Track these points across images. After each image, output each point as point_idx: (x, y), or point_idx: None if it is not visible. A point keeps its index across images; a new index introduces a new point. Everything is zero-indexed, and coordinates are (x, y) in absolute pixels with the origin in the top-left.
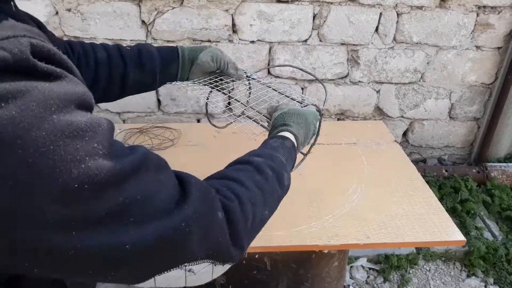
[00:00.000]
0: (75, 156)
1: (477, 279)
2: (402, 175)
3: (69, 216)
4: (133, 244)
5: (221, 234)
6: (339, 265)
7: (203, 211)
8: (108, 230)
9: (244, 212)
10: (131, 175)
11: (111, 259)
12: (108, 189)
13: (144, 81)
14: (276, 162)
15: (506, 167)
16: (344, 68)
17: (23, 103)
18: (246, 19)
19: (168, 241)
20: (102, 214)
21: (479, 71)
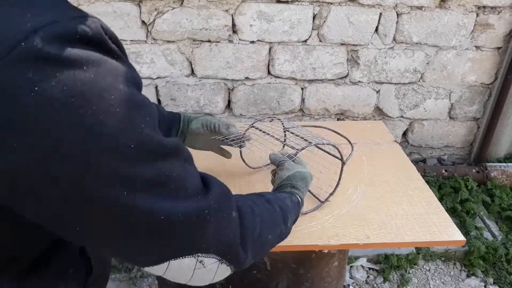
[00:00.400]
0: (134, 122)
1: (477, 279)
2: (402, 175)
3: (123, 174)
4: (166, 216)
5: (234, 232)
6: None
7: (222, 206)
8: (150, 196)
9: (253, 223)
10: (172, 155)
11: (144, 226)
12: (156, 157)
13: None
14: (284, 205)
15: (506, 167)
16: (344, 68)
17: (99, 70)
18: (246, 19)
19: (191, 221)
20: (148, 179)
21: (479, 71)
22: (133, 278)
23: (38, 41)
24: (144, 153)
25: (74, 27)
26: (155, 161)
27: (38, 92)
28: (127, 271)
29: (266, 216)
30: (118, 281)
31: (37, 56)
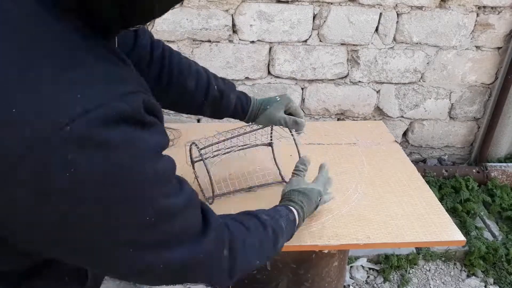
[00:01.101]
0: (153, 196)
1: (477, 279)
2: (402, 175)
3: (137, 238)
4: (164, 264)
5: (222, 267)
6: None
7: (215, 249)
8: (154, 251)
9: (243, 255)
10: (182, 211)
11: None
12: (167, 221)
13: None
14: (277, 227)
15: (506, 167)
16: (344, 68)
17: (130, 151)
18: (246, 19)
19: (187, 265)
20: (157, 239)
21: (479, 71)
22: None
23: (83, 126)
24: (158, 220)
25: (117, 108)
26: (165, 223)
27: (73, 173)
28: None
29: (257, 245)
30: (118, 281)
31: (79, 140)
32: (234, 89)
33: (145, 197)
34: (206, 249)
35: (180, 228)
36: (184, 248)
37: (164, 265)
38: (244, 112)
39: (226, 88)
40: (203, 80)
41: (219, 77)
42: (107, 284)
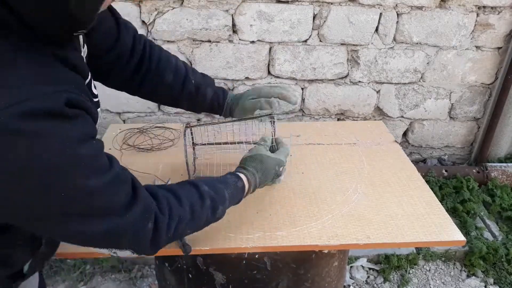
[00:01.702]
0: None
1: (477, 279)
2: (402, 175)
3: (64, 211)
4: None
5: (144, 238)
6: (339, 265)
7: (139, 222)
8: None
9: (169, 226)
10: (104, 189)
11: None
12: (87, 198)
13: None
14: (219, 196)
15: (506, 167)
16: (344, 68)
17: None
18: (246, 19)
19: (110, 234)
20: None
21: (479, 71)
22: (133, 278)
23: (5, 117)
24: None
25: (38, 104)
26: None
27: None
28: (127, 271)
29: (188, 216)
30: (118, 281)
31: (1, 130)
32: (212, 84)
33: (65, 178)
34: (129, 221)
35: (102, 203)
36: (107, 220)
37: (90, 233)
38: (220, 107)
39: (203, 83)
40: (181, 73)
41: (199, 73)
42: (107, 284)
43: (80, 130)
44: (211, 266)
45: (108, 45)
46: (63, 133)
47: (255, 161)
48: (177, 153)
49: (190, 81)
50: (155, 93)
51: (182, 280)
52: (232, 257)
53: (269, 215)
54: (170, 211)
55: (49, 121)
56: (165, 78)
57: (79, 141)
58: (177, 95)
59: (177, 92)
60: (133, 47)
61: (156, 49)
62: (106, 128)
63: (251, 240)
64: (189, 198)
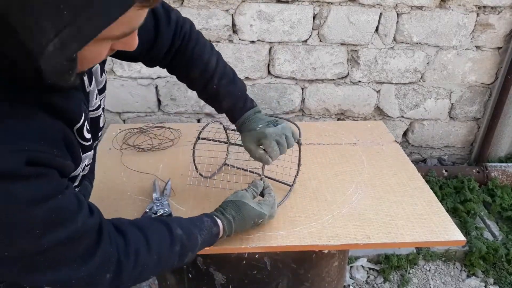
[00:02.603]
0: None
1: (477, 279)
2: (402, 175)
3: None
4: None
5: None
6: (339, 265)
7: (96, 274)
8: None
9: (131, 274)
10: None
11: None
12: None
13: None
14: (191, 242)
15: (506, 167)
16: (344, 68)
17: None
18: (246, 19)
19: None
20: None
21: (479, 71)
22: None
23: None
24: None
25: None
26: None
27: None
28: None
29: (153, 261)
30: None
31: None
32: (233, 96)
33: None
34: (84, 274)
35: (55, 257)
36: (59, 271)
37: (48, 283)
38: (233, 120)
39: (224, 92)
40: (207, 74)
41: (229, 77)
42: None
43: (36, 189)
44: (211, 266)
45: (145, 48)
46: (15, 194)
47: (235, 208)
48: (177, 153)
49: (212, 86)
50: (183, 80)
51: (182, 280)
52: (232, 257)
53: None
54: (136, 259)
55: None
56: (190, 73)
57: (32, 203)
58: (199, 92)
59: (199, 90)
60: (171, 45)
61: (192, 42)
62: (106, 128)
63: (251, 240)
64: (159, 244)
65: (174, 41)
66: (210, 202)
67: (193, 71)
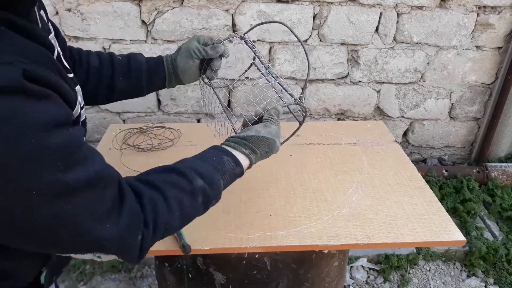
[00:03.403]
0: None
1: (477, 279)
2: (402, 175)
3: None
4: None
5: (132, 249)
6: (339, 265)
7: (127, 231)
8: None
9: (154, 235)
10: (86, 188)
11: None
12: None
13: (130, 89)
14: (213, 190)
15: (507, 167)
16: (344, 68)
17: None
18: (246, 19)
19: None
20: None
21: (479, 71)
22: (133, 278)
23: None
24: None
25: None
26: (57, 201)
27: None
28: (127, 271)
29: (175, 218)
30: (118, 281)
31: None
32: (141, 54)
33: (40, 167)
34: (118, 234)
35: (82, 206)
36: (93, 228)
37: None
38: (161, 65)
39: (131, 54)
40: (105, 56)
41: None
42: (107, 284)
43: (49, 112)
44: (211, 266)
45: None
46: (24, 115)
47: (266, 147)
48: (177, 153)
49: (117, 57)
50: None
51: (182, 280)
52: (232, 257)
53: (269, 215)
54: (155, 220)
55: (5, 100)
56: (90, 64)
57: (45, 126)
58: (110, 77)
59: (108, 72)
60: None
61: (74, 49)
62: (106, 128)
63: (251, 240)
64: (179, 199)
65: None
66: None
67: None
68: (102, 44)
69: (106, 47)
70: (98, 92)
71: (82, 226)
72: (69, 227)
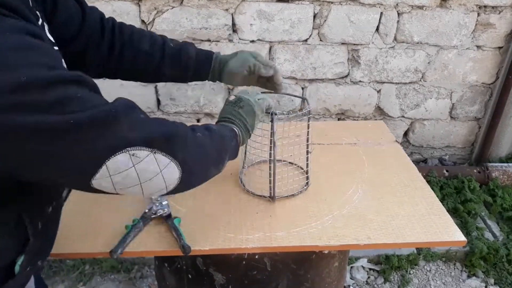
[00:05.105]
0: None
1: (477, 279)
2: (403, 176)
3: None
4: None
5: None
6: (340, 265)
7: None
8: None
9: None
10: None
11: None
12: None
13: (175, 77)
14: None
15: (507, 167)
16: (344, 67)
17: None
18: (246, 19)
19: (101, 121)
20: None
21: (480, 71)
22: (133, 278)
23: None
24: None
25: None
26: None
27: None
28: (126, 272)
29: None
30: (118, 281)
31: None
32: (193, 45)
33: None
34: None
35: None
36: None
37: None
38: (208, 63)
39: (183, 45)
40: (158, 41)
41: (177, 40)
42: (106, 284)
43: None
44: (211, 267)
45: (75, 29)
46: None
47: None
48: None
49: (169, 45)
50: (135, 67)
51: (181, 280)
52: (232, 258)
53: (269, 216)
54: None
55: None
56: (141, 47)
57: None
58: (158, 63)
59: (158, 59)
60: (102, 28)
61: (127, 26)
62: None
63: (251, 240)
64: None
65: (104, 25)
66: (210, 203)
67: (143, 44)
68: None
69: None
70: (143, 75)
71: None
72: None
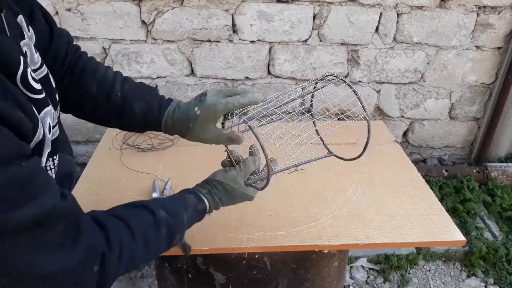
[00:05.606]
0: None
1: (477, 279)
2: (402, 175)
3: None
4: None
5: (90, 282)
6: (339, 265)
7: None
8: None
9: (119, 265)
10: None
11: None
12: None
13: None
14: (177, 222)
15: (507, 167)
16: (344, 68)
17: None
18: (246, 19)
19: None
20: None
21: (479, 71)
22: (133, 278)
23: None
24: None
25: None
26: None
27: None
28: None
29: (141, 250)
30: (118, 281)
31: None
32: (145, 96)
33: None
34: (71, 265)
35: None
36: (43, 261)
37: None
38: (156, 122)
39: (132, 96)
40: (107, 85)
41: (135, 83)
42: None
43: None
44: (211, 266)
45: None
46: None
47: (224, 191)
48: (177, 153)
49: (116, 94)
50: (82, 109)
51: (182, 280)
52: (232, 257)
53: (269, 215)
54: (121, 249)
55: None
56: (88, 89)
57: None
58: (104, 110)
59: (102, 106)
60: (65, 57)
61: (83, 59)
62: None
63: (251, 240)
64: (143, 230)
65: (68, 52)
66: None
67: (91, 86)
68: (102, 44)
69: (106, 47)
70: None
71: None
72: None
